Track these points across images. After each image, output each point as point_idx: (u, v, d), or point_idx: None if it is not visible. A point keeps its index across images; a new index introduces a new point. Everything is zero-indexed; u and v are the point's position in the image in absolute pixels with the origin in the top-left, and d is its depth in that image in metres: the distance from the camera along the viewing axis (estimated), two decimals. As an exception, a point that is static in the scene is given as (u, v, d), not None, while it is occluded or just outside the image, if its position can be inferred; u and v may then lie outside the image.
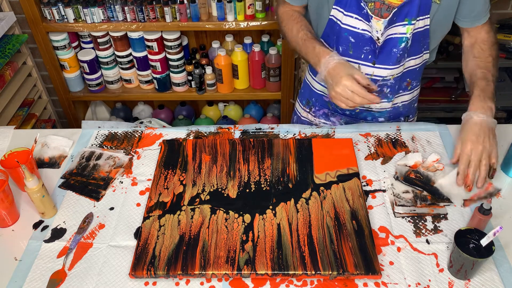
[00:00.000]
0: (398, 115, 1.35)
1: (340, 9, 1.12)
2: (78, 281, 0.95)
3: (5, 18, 2.02)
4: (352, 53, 1.17)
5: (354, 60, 1.19)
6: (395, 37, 1.13)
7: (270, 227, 1.01)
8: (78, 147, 1.29)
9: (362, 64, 1.19)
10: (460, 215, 1.06)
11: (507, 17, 2.21)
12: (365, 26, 1.12)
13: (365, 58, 1.17)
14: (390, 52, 1.15)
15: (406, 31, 1.11)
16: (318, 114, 1.40)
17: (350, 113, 1.34)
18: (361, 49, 1.16)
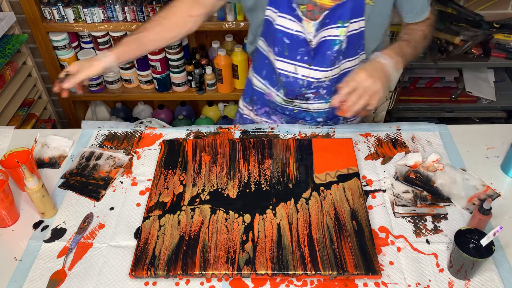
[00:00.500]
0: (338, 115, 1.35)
1: (274, 10, 1.11)
2: (78, 281, 0.95)
3: (5, 18, 2.02)
4: (287, 54, 1.16)
5: (290, 61, 1.18)
6: (329, 39, 1.11)
7: (270, 227, 1.01)
8: (78, 147, 1.29)
9: (299, 66, 1.17)
10: (460, 215, 1.06)
11: (507, 17, 2.21)
12: (299, 27, 1.11)
13: (301, 60, 1.16)
14: (324, 54, 1.13)
15: (340, 33, 1.10)
16: (260, 113, 1.39)
17: (290, 112, 1.33)
18: (296, 51, 1.15)
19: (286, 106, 1.30)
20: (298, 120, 1.34)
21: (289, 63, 1.18)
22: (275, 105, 1.32)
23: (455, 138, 1.28)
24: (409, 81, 2.30)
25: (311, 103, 1.26)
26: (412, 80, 2.31)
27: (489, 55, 2.07)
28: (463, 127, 1.32)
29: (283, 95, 1.26)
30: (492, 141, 1.26)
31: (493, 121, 2.31)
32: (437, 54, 2.06)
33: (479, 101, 2.23)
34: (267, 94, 1.31)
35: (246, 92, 1.42)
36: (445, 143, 1.26)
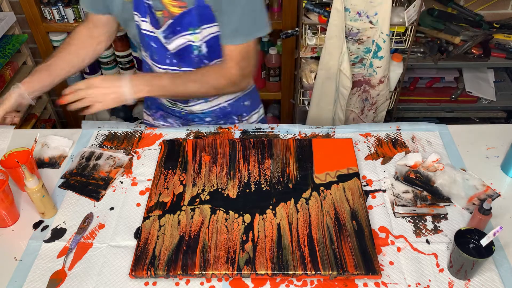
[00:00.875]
0: (228, 114, 1.36)
1: (138, 15, 1.13)
2: (78, 281, 0.95)
3: (5, 18, 2.02)
4: (157, 58, 1.17)
5: (160, 66, 1.19)
6: (188, 45, 1.14)
7: (270, 227, 1.01)
8: (78, 147, 1.29)
9: (170, 69, 1.19)
10: (460, 215, 1.06)
11: (507, 17, 2.21)
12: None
13: (171, 63, 1.18)
14: (189, 57, 1.16)
15: (194, 39, 1.12)
16: (156, 117, 1.41)
17: (179, 114, 1.36)
18: (164, 55, 1.17)
19: (173, 108, 1.34)
20: (190, 122, 1.37)
21: (160, 68, 1.20)
22: (166, 107, 1.35)
23: (455, 138, 1.28)
24: (409, 81, 2.30)
25: (192, 104, 1.29)
26: (412, 80, 2.31)
27: (489, 55, 2.07)
28: (463, 127, 1.32)
29: (166, 99, 1.29)
30: (492, 141, 1.26)
31: (493, 121, 2.31)
32: (437, 54, 2.06)
33: (479, 101, 2.23)
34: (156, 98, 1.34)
35: (146, 98, 1.44)
36: (445, 143, 1.26)
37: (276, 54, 2.16)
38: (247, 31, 1.09)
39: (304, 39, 1.87)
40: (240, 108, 1.39)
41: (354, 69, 1.91)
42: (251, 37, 1.11)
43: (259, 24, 1.10)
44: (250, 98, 1.40)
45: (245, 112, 1.41)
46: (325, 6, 1.84)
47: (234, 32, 1.09)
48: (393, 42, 1.88)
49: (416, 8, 1.76)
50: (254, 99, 1.43)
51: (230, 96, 1.33)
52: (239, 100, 1.37)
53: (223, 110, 1.35)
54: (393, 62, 1.94)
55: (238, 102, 1.37)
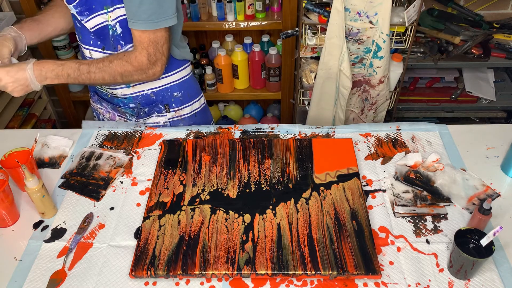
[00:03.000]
0: (154, 102, 1.34)
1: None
2: (78, 281, 0.95)
3: (5, 18, 2.02)
4: (81, 38, 1.20)
5: (86, 46, 1.22)
6: (105, 25, 1.16)
7: (270, 227, 1.01)
8: (78, 147, 1.29)
9: (93, 50, 1.21)
10: (460, 215, 1.06)
11: (507, 17, 2.21)
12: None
13: (94, 44, 1.20)
14: (108, 38, 1.18)
15: (108, 18, 1.14)
16: (95, 99, 1.42)
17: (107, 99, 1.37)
18: (87, 35, 1.19)
19: (102, 91, 1.35)
20: (116, 106, 1.37)
21: (86, 48, 1.22)
22: (100, 91, 1.36)
23: (455, 138, 1.28)
24: (409, 81, 2.30)
25: (113, 88, 1.29)
26: (412, 80, 2.31)
27: (489, 55, 2.07)
28: (463, 127, 1.32)
29: None
30: (492, 141, 1.26)
31: (493, 121, 2.31)
32: (437, 54, 2.06)
33: (479, 101, 2.23)
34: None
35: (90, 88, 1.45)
36: (445, 143, 1.26)
37: (276, 54, 2.16)
38: (150, 18, 1.09)
39: (304, 39, 1.87)
40: (167, 98, 1.34)
41: (354, 69, 1.91)
42: (157, 25, 1.11)
43: (164, 14, 1.11)
44: (182, 89, 1.35)
45: (174, 103, 1.35)
46: (325, 6, 1.84)
47: (134, 17, 1.10)
48: (393, 42, 1.88)
49: (416, 8, 1.76)
50: (189, 91, 1.38)
51: (155, 84, 1.30)
52: (165, 90, 1.33)
53: (147, 97, 1.32)
54: (393, 62, 1.94)
55: (165, 92, 1.33)
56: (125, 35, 1.17)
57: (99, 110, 1.44)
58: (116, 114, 1.39)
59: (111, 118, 1.40)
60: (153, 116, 1.36)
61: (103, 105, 1.40)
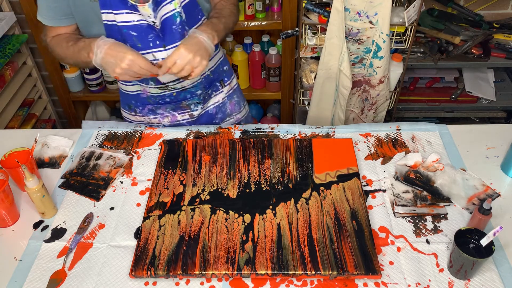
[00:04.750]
0: (212, 82, 1.38)
1: (109, 11, 1.13)
2: (78, 281, 0.95)
3: (5, 18, 2.02)
4: (140, 45, 1.18)
5: (145, 51, 1.20)
6: (169, 15, 1.15)
7: (270, 227, 1.01)
8: (78, 147, 1.29)
9: (155, 52, 1.20)
10: (460, 215, 1.06)
11: (507, 17, 2.21)
12: (138, 16, 1.14)
13: (154, 45, 1.18)
14: (171, 30, 1.17)
15: (175, 6, 1.15)
16: (145, 113, 1.41)
17: (170, 98, 1.35)
18: (146, 39, 1.17)
19: (163, 94, 1.33)
20: (181, 102, 1.36)
21: (146, 53, 1.20)
22: (154, 98, 1.34)
23: (455, 138, 1.28)
24: (409, 81, 2.30)
25: (183, 80, 1.29)
26: (412, 80, 2.31)
27: (489, 55, 2.07)
28: (463, 127, 1.32)
29: (156, 85, 1.29)
30: (492, 141, 1.26)
31: (493, 121, 2.31)
32: (437, 54, 2.06)
33: (479, 101, 2.23)
34: (143, 92, 1.33)
35: (123, 101, 1.44)
36: (445, 143, 1.26)
37: (276, 54, 2.16)
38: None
39: (304, 39, 1.87)
40: (220, 73, 1.40)
41: (354, 69, 1.91)
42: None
43: None
44: (226, 62, 1.43)
45: (226, 77, 1.43)
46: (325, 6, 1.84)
47: None
48: (393, 42, 1.88)
49: (416, 8, 1.76)
50: (229, 64, 1.46)
51: (212, 63, 1.35)
52: (218, 65, 1.38)
53: (207, 78, 1.36)
54: (393, 62, 1.94)
55: (219, 68, 1.39)
56: (188, 20, 1.19)
57: (152, 121, 1.41)
58: (176, 113, 1.38)
59: (171, 121, 1.40)
60: (212, 97, 1.40)
61: (158, 113, 1.39)
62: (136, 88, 1.34)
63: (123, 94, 1.40)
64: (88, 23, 1.19)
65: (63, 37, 1.22)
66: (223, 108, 1.44)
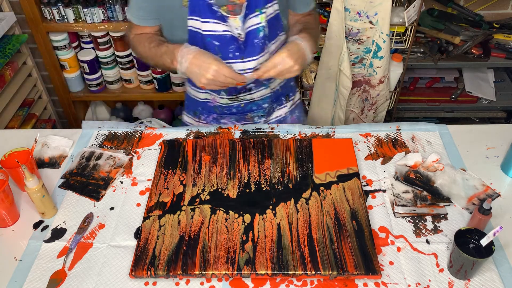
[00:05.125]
0: (279, 96, 1.40)
1: (197, 18, 1.14)
2: (78, 281, 0.95)
3: (5, 18, 2.02)
4: (221, 56, 1.19)
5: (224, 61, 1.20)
6: (253, 28, 1.16)
7: (270, 227, 1.01)
8: (78, 147, 1.29)
9: (233, 63, 1.20)
10: (460, 215, 1.06)
11: (507, 17, 2.21)
12: (224, 27, 1.14)
13: (234, 57, 1.19)
14: (253, 43, 1.18)
15: (261, 20, 1.15)
16: (209, 121, 1.41)
17: (237, 109, 1.36)
18: (227, 50, 1.18)
19: (232, 105, 1.33)
20: (246, 113, 1.37)
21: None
22: (221, 108, 1.35)
23: (455, 138, 1.28)
24: (409, 81, 2.30)
25: (253, 92, 1.30)
26: (412, 80, 2.31)
27: (489, 55, 2.07)
28: (463, 127, 1.32)
29: (227, 95, 1.29)
30: (492, 141, 1.26)
31: (493, 121, 2.31)
32: (437, 54, 2.06)
33: (479, 101, 2.23)
34: (211, 101, 1.34)
35: (188, 106, 1.44)
36: (445, 143, 1.26)
37: (276, 54, 2.15)
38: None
39: (304, 39, 1.87)
40: (288, 88, 1.42)
41: (354, 69, 1.91)
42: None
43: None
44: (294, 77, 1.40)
45: (291, 92, 1.44)
46: (325, 6, 1.84)
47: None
48: (393, 42, 1.88)
49: (416, 8, 1.76)
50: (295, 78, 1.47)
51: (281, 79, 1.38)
52: (288, 80, 1.40)
53: (276, 92, 1.37)
54: (393, 62, 1.94)
55: (288, 82, 1.41)
56: (270, 34, 1.20)
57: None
58: (239, 123, 1.39)
59: None
60: (276, 111, 1.41)
61: (221, 122, 1.40)
62: (205, 96, 1.34)
63: (190, 100, 1.41)
64: (173, 27, 1.20)
65: (146, 37, 1.24)
66: (283, 123, 1.44)
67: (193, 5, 1.13)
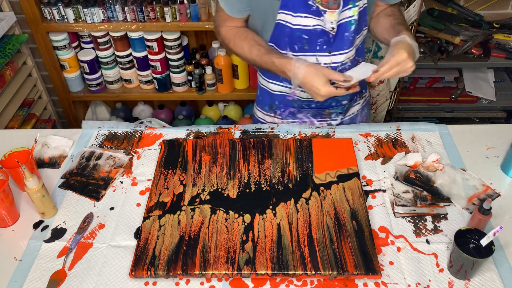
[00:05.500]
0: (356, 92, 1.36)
1: (288, 12, 1.14)
2: (78, 281, 0.95)
3: (5, 18, 2.02)
4: (307, 48, 1.19)
5: (310, 54, 1.21)
6: (345, 21, 1.16)
7: (270, 227, 1.01)
8: (78, 147, 1.29)
9: (319, 55, 1.20)
10: (460, 215, 1.06)
11: (507, 17, 2.21)
12: (316, 21, 1.14)
13: (321, 49, 1.19)
14: (343, 37, 1.18)
15: (353, 13, 1.15)
16: (285, 115, 1.40)
17: (316, 105, 1.35)
18: (315, 43, 1.18)
19: (311, 100, 1.32)
20: (325, 109, 1.36)
21: (310, 56, 1.21)
22: (300, 102, 1.34)
23: (455, 138, 1.28)
24: (409, 81, 2.31)
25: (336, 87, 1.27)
26: (412, 80, 2.31)
27: (489, 55, 2.07)
28: (463, 127, 1.32)
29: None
30: (492, 141, 1.26)
31: (493, 121, 2.31)
32: (437, 54, 2.06)
33: (479, 101, 2.23)
34: (290, 95, 1.33)
35: (262, 101, 1.42)
36: (445, 143, 1.26)
37: (276, 54, 2.15)
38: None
39: (304, 39, 1.87)
40: (363, 84, 1.40)
41: (354, 69, 1.91)
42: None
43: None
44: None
45: (364, 88, 1.42)
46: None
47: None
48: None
49: (416, 8, 1.76)
50: None
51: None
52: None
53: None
54: (393, 62, 1.94)
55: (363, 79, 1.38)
56: (359, 27, 1.19)
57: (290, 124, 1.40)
58: (316, 120, 1.38)
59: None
60: (350, 108, 1.40)
61: (297, 117, 1.39)
62: (284, 90, 1.33)
63: (266, 93, 1.39)
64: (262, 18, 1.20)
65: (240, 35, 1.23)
66: (354, 121, 1.43)
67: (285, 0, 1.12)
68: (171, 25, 2.07)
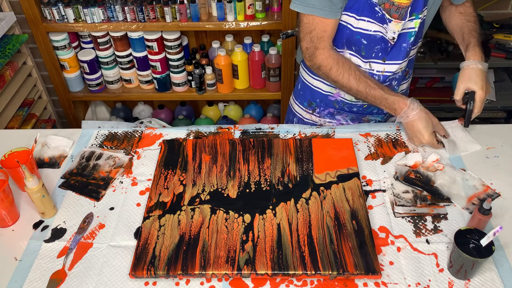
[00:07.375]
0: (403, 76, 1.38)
1: (352, 14, 1.15)
2: (78, 281, 0.95)
3: (5, 18, 2.02)
4: (364, 53, 1.20)
5: (365, 60, 1.22)
6: (405, 32, 1.16)
7: (270, 227, 1.01)
8: (78, 147, 1.29)
9: (373, 62, 1.21)
10: (460, 215, 1.06)
11: (507, 17, 2.21)
12: (378, 27, 1.15)
13: (376, 56, 1.20)
14: (400, 47, 1.18)
15: (415, 25, 1.15)
16: (323, 114, 1.40)
17: (358, 109, 1.35)
18: (372, 49, 1.19)
19: (355, 103, 1.33)
20: (366, 115, 1.37)
21: (364, 61, 1.22)
22: (342, 104, 1.34)
23: (455, 138, 1.27)
24: (409, 81, 2.30)
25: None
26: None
27: (489, 55, 2.06)
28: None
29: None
30: (492, 141, 1.26)
31: (493, 121, 2.31)
32: (437, 54, 2.06)
33: (479, 101, 2.22)
34: (334, 95, 1.33)
35: (303, 96, 1.42)
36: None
37: (276, 54, 2.16)
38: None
39: (304, 39, 1.86)
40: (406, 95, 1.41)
41: (354, 69, 1.91)
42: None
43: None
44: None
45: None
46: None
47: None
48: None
49: (416, 8, 1.76)
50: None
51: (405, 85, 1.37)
52: (408, 87, 1.41)
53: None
54: (393, 62, 1.94)
55: (407, 90, 1.41)
56: (417, 38, 1.20)
57: (326, 124, 1.40)
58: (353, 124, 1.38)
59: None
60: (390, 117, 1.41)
61: (336, 118, 1.39)
62: (329, 90, 1.33)
63: (309, 90, 1.38)
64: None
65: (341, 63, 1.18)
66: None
67: (352, 1, 1.12)
68: (171, 25, 2.07)
